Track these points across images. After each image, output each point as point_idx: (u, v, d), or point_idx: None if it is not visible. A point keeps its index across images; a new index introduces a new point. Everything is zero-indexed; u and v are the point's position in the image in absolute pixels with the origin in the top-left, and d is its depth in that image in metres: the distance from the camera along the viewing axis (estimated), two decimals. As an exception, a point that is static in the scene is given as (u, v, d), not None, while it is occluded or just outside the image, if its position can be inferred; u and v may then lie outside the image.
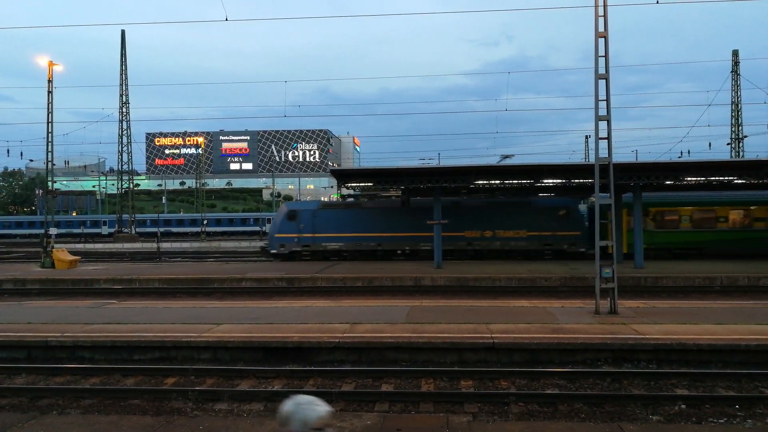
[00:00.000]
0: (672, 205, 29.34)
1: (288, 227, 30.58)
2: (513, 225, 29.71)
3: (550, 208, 29.89)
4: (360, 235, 30.32)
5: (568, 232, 29.43)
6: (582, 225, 29.81)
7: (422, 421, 7.50)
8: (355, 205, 31.87)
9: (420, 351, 10.86)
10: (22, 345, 11.66)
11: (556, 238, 29.37)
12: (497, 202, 30.82)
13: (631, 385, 9.35)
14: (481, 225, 29.85)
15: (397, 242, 30.28)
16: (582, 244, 29.44)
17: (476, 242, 29.94)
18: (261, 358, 11.04)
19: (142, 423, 7.35)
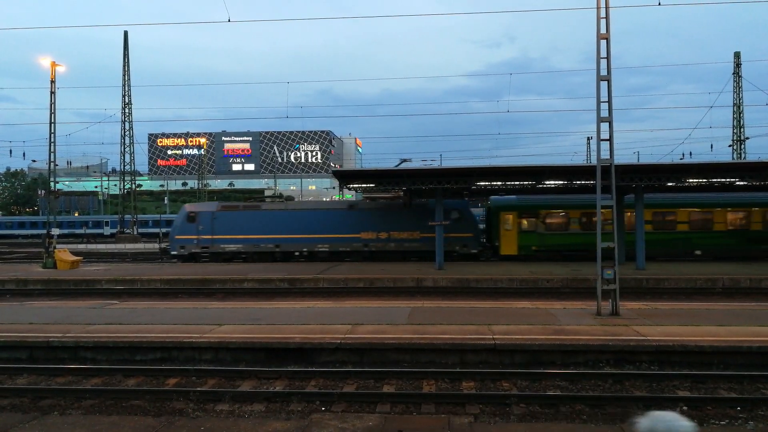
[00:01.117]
0: (562, 207, 29.65)
1: (188, 229, 30.84)
2: (407, 227, 30.16)
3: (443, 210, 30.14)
4: (258, 237, 30.68)
5: (461, 234, 29.82)
6: (474, 227, 30.41)
7: (424, 423, 7.50)
8: (254, 207, 32.20)
9: (422, 352, 10.86)
10: (24, 345, 11.67)
11: (449, 239, 29.41)
12: (393, 204, 31.45)
13: (632, 387, 9.34)
14: (376, 227, 30.32)
15: (295, 244, 30.67)
16: (474, 245, 30.00)
17: (372, 244, 30.40)
18: (262, 358, 11.05)
19: (143, 424, 7.36)
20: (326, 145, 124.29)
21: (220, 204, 32.21)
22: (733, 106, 51.41)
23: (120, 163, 59.89)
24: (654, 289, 20.42)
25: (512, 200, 30.40)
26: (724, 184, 24.35)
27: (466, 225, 30.02)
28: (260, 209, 31.51)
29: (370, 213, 30.55)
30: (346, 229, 30.08)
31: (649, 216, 28.39)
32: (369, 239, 30.31)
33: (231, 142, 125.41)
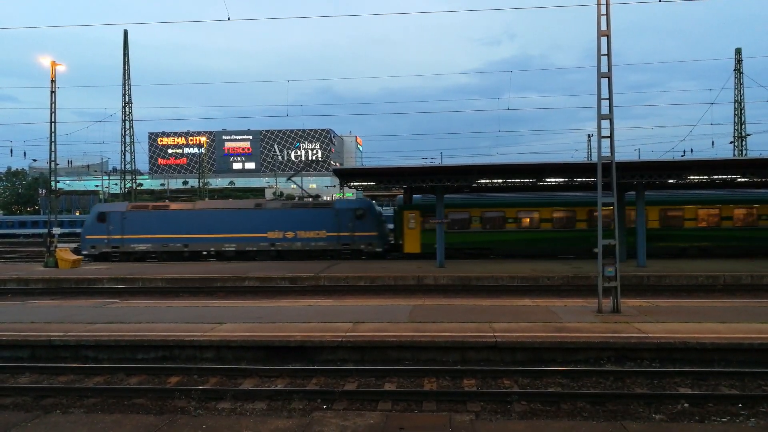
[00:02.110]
0: (464, 207, 30.13)
1: (98, 229, 31.26)
2: (313, 226, 30.72)
3: (348, 209, 31.00)
4: (167, 236, 31.10)
5: (366, 233, 30.40)
6: (379, 226, 30.90)
7: (425, 420, 7.51)
8: (163, 207, 32.63)
9: (423, 350, 10.87)
10: (26, 344, 11.69)
11: (354, 238, 30.32)
12: (299, 203, 32.17)
13: (634, 384, 9.34)
14: (283, 226, 30.79)
15: (202, 243, 31.07)
16: (380, 244, 30.51)
17: (278, 243, 30.89)
18: (264, 357, 11.06)
19: (145, 422, 7.37)
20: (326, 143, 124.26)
21: (130, 204, 32.88)
22: (734, 102, 51.33)
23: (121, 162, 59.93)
24: (655, 287, 20.43)
25: (416, 199, 30.96)
26: (725, 180, 24.33)
27: (371, 224, 30.65)
28: (169, 209, 32.11)
29: (276, 212, 31.13)
30: (253, 228, 30.69)
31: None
32: (276, 239, 30.88)
33: (231, 140, 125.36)
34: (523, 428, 6.97)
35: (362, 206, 31.41)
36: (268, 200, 33.95)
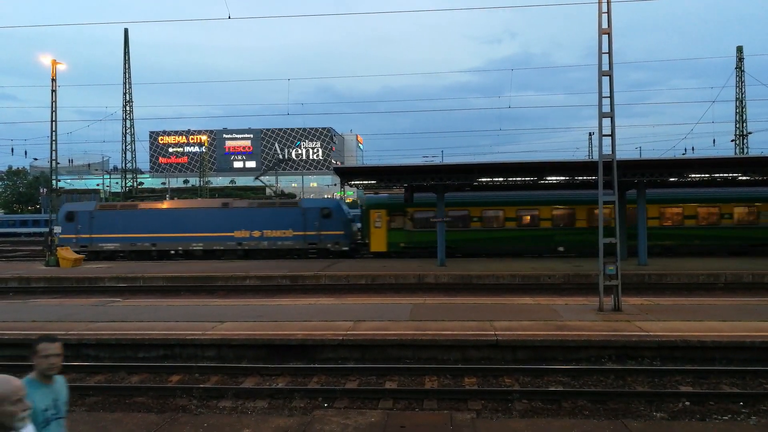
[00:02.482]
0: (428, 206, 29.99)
1: (67, 228, 31.41)
2: (280, 225, 30.90)
3: (314, 208, 31.20)
4: (135, 236, 31.34)
5: (332, 232, 30.66)
6: (346, 225, 31.12)
7: (426, 419, 7.51)
8: (131, 207, 32.96)
9: (423, 348, 10.87)
10: (27, 343, 11.62)
11: (321, 237, 30.60)
12: (266, 203, 32.44)
13: (635, 382, 9.34)
14: (250, 225, 31.01)
15: (170, 243, 31.31)
16: (346, 243, 30.76)
17: (245, 242, 31.10)
18: (265, 355, 11.06)
19: (146, 420, 7.38)
20: (327, 141, 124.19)
21: (99, 203, 33.02)
22: (736, 100, 51.27)
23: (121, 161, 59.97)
24: (656, 285, 20.42)
25: (383, 198, 31.18)
26: (726, 179, 24.30)
27: (338, 224, 30.91)
28: (137, 208, 32.40)
29: (243, 212, 31.38)
30: (220, 228, 30.93)
31: (513, 213, 29.57)
32: (242, 238, 31.10)
33: (232, 139, 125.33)
34: (524, 426, 6.96)
35: (329, 205, 31.71)
36: (235, 200, 34.38)
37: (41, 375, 3.55)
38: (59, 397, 3.61)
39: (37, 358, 3.52)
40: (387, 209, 30.28)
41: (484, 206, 30.21)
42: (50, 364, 3.53)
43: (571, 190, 28.86)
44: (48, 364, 3.52)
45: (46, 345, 3.55)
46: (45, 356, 3.52)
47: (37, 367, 3.54)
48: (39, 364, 3.53)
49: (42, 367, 3.52)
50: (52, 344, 3.57)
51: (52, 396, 3.55)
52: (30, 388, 3.34)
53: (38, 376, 3.55)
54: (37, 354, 3.53)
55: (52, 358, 3.53)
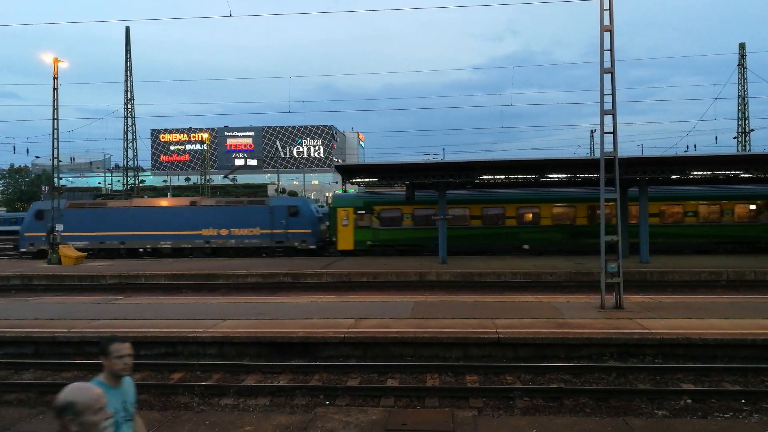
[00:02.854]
0: (395, 204, 30.54)
1: (36, 226, 31.73)
2: (248, 223, 31.16)
3: (281, 207, 31.43)
4: (104, 234, 31.68)
5: (299, 230, 30.96)
6: (313, 223, 31.38)
7: (428, 416, 7.51)
8: (100, 205, 33.12)
9: (425, 346, 10.87)
10: (30, 341, 11.72)
11: (288, 235, 30.84)
12: (234, 201, 32.74)
13: (636, 380, 9.33)
14: (218, 224, 31.29)
15: (139, 241, 31.66)
16: (312, 241, 31.04)
17: (213, 240, 31.40)
18: (266, 353, 11.07)
19: (148, 418, 7.38)
20: (329, 139, 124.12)
21: (69, 202, 33.20)
22: (738, 97, 51.13)
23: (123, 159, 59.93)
24: (658, 283, 20.39)
25: (350, 197, 31.42)
26: (728, 176, 24.25)
27: (305, 222, 31.17)
28: (106, 207, 32.66)
29: (212, 210, 31.61)
30: (188, 226, 31.20)
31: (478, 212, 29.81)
32: (210, 236, 31.40)
33: (233, 137, 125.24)
34: (526, 424, 6.96)
35: (296, 204, 31.99)
36: (203, 198, 34.78)
37: (112, 377, 3.48)
38: (127, 399, 3.55)
39: (111, 359, 3.44)
40: (354, 208, 30.57)
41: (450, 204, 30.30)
42: (124, 365, 3.46)
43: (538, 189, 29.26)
44: (122, 364, 3.45)
45: (119, 345, 3.47)
46: (119, 357, 3.44)
47: (109, 368, 3.47)
48: (113, 365, 3.45)
49: (116, 368, 3.45)
50: (124, 344, 3.50)
51: (121, 398, 3.49)
52: None
53: (108, 378, 3.48)
54: (110, 355, 3.44)
55: (126, 359, 3.47)
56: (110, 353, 3.45)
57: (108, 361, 3.46)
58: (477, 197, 30.23)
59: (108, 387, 3.40)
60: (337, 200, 31.68)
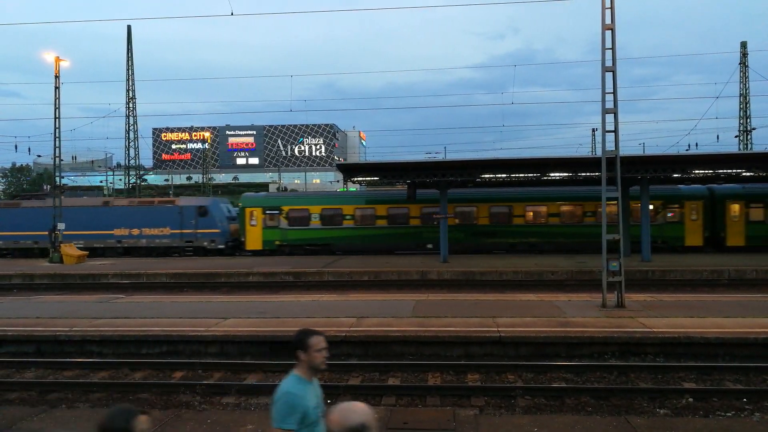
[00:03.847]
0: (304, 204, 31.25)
1: None
2: (158, 223, 31.64)
3: (191, 207, 31.95)
4: (19, 234, 32.14)
5: (208, 230, 31.48)
6: (222, 223, 31.85)
7: (429, 415, 7.51)
8: (14, 205, 33.84)
9: (426, 345, 10.87)
10: (32, 339, 11.74)
11: (197, 235, 31.37)
12: (145, 201, 33.54)
13: (638, 379, 9.33)
14: (129, 224, 31.77)
15: None
16: (221, 241, 31.46)
17: (125, 240, 31.91)
18: (268, 352, 11.07)
19: (150, 416, 7.39)
20: (330, 138, 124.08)
21: None
22: (740, 96, 51.07)
23: (125, 158, 60.07)
24: (659, 281, 20.37)
25: (259, 197, 31.85)
26: (730, 175, 24.23)
27: (214, 222, 31.62)
28: (20, 207, 33.23)
29: (123, 210, 32.20)
30: (101, 226, 31.66)
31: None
32: (122, 236, 31.90)
33: (235, 136, 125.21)
34: (527, 423, 6.96)
35: (205, 204, 32.48)
36: (115, 198, 35.29)
37: (311, 371, 3.38)
38: (319, 393, 3.47)
39: (311, 352, 3.34)
40: (262, 208, 31.06)
41: (356, 204, 31.10)
42: (323, 358, 3.37)
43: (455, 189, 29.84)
44: (322, 358, 3.36)
45: (317, 338, 3.37)
46: (318, 350, 3.35)
47: (308, 362, 3.36)
48: (313, 359, 3.35)
49: (316, 362, 3.35)
50: (320, 336, 3.40)
51: (316, 392, 3.41)
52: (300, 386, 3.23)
53: (306, 373, 3.38)
54: (310, 348, 3.34)
55: (324, 351, 3.38)
56: (311, 347, 3.34)
57: (307, 355, 3.34)
58: (381, 198, 31.35)
59: (305, 382, 3.34)
60: (246, 200, 32.19)
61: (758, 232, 28.94)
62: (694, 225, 29.31)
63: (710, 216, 29.49)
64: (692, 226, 29.31)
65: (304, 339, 3.36)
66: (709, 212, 29.49)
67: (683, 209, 29.38)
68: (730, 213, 29.17)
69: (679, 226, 29.41)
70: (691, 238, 29.26)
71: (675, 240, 29.26)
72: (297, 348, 3.38)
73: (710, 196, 29.73)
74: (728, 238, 29.15)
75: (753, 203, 29.04)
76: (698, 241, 29.22)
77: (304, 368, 3.37)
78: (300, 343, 3.37)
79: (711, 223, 29.54)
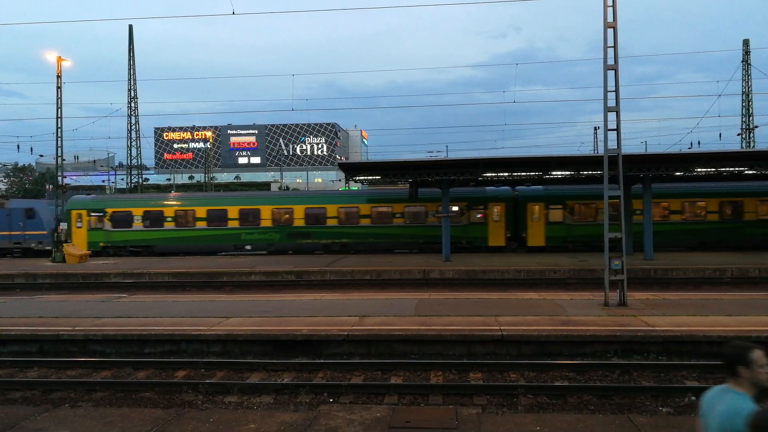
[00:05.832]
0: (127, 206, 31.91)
1: None
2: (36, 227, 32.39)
3: (18, 209, 32.76)
4: None
5: (36, 232, 32.43)
6: (50, 226, 32.21)
7: (431, 414, 7.51)
8: None
9: (429, 343, 10.87)
10: (35, 339, 11.76)
11: (26, 237, 32.25)
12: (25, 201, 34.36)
13: (640, 377, 9.32)
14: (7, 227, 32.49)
15: None
16: (49, 242, 31.85)
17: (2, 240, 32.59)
18: (270, 351, 11.09)
19: (153, 415, 7.41)
20: (332, 137, 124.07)
21: None
22: (742, 94, 50.99)
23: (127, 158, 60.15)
24: (662, 280, 20.35)
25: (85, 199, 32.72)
26: (733, 173, 24.18)
27: (41, 224, 32.37)
28: None
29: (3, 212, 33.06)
30: None
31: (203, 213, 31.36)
32: None
33: (237, 135, 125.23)
34: (530, 421, 6.96)
35: (33, 206, 33.27)
36: None
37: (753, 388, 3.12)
38: None
39: (754, 368, 3.09)
40: (87, 210, 31.64)
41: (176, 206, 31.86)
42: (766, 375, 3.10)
43: None
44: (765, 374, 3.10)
45: (760, 353, 3.11)
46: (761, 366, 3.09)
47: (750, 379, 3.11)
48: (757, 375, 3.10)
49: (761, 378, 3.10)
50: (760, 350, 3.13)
51: None
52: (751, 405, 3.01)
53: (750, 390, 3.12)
54: (752, 364, 3.09)
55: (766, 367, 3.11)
56: (753, 362, 3.10)
57: (750, 371, 3.10)
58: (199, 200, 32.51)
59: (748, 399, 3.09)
60: (72, 203, 32.59)
61: (557, 233, 29.80)
62: (497, 226, 30.14)
63: (513, 217, 30.29)
64: (495, 227, 30.16)
65: (745, 354, 3.13)
66: (512, 213, 30.28)
67: (487, 210, 30.15)
68: (531, 214, 29.92)
69: (483, 227, 30.23)
70: (494, 238, 30.17)
71: (479, 240, 30.24)
72: (737, 363, 3.15)
73: (513, 198, 30.55)
74: (529, 238, 29.97)
75: (552, 205, 29.87)
76: (501, 241, 30.13)
77: (744, 385, 3.14)
78: (738, 359, 3.15)
79: (513, 224, 30.34)
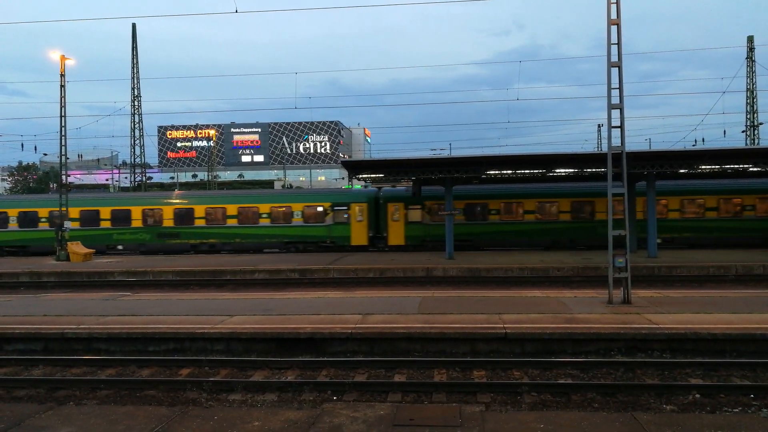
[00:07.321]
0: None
1: None
2: None
3: None
4: None
5: None
6: None
7: (435, 411, 7.51)
8: None
9: (432, 341, 10.87)
10: (39, 337, 11.81)
11: None
12: None
13: (644, 375, 9.30)
14: None
15: None
16: None
17: None
18: (274, 349, 11.11)
19: (157, 413, 7.43)
20: (335, 135, 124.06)
21: None
22: (746, 91, 50.78)
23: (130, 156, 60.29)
24: (666, 277, 20.30)
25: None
26: (737, 170, 24.09)
27: None
28: None
29: None
30: None
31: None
32: None
33: (240, 133, 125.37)
34: (534, 419, 6.95)
35: None
36: None
37: None
38: None
39: None
40: None
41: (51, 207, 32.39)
42: None
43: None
44: None
45: None
46: None
47: None
48: None
49: None
50: None
51: None
52: None
53: None
54: None
55: None
56: None
57: None
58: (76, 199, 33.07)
59: None
60: None
61: (416, 233, 30.57)
62: (360, 226, 30.78)
63: (375, 217, 30.87)
64: (358, 227, 30.82)
65: None
66: (374, 214, 30.87)
67: (350, 211, 30.79)
68: (392, 215, 30.50)
69: (346, 227, 30.89)
70: (357, 238, 30.93)
71: (342, 240, 31.07)
72: None
73: (375, 198, 31.12)
74: (390, 238, 30.60)
75: (411, 205, 30.42)
76: (363, 240, 30.84)
77: None
78: None
79: (375, 224, 30.90)
